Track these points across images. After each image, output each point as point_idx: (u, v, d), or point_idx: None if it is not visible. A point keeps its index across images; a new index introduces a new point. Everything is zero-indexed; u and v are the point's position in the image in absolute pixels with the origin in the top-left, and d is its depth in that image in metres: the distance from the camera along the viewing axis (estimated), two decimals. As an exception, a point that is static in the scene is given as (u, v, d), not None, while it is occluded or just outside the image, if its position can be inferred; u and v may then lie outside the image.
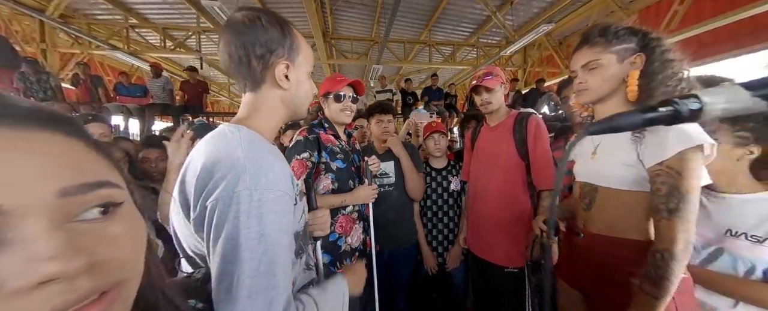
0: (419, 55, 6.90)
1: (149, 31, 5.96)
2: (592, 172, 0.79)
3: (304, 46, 0.58)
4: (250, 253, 0.42)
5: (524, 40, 4.72)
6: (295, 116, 0.62)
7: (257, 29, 0.52)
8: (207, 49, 6.61)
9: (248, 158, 0.46)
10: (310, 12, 4.19)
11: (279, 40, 0.53)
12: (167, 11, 5.47)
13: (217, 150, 0.47)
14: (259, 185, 0.44)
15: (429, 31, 6.02)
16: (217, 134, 0.51)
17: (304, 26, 5.69)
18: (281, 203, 0.46)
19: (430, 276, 1.50)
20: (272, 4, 5.38)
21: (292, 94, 0.57)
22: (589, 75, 0.73)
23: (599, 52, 0.71)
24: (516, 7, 5.03)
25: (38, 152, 0.18)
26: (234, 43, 0.52)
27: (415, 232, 1.48)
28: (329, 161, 1.08)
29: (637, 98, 0.68)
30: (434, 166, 1.57)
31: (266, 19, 0.53)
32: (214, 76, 9.19)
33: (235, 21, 0.53)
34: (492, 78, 1.20)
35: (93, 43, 5.27)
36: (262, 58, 0.52)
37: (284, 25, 0.54)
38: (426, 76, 8.91)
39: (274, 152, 0.53)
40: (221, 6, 3.58)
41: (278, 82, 0.54)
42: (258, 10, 0.54)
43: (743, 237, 0.68)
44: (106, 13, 5.40)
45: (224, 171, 0.44)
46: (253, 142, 0.50)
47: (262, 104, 0.56)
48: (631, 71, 0.69)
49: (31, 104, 0.20)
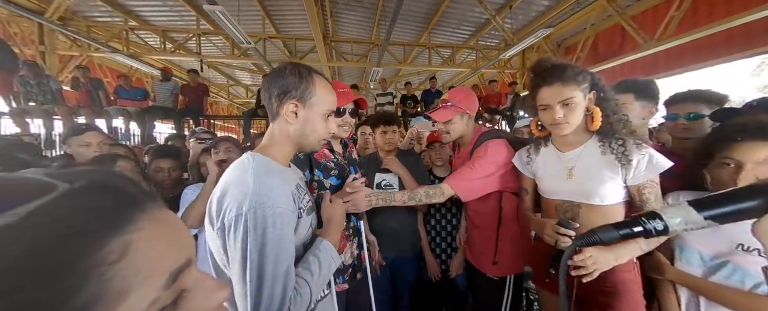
0: (419, 57, 6.93)
1: (149, 34, 5.94)
2: (572, 191, 0.91)
3: (321, 91, 0.68)
4: (257, 257, 0.54)
5: (523, 44, 4.76)
6: (302, 148, 0.72)
7: (281, 75, 0.66)
8: (207, 51, 6.61)
9: (256, 182, 0.58)
10: (311, 15, 4.20)
11: (294, 84, 0.66)
12: (167, 14, 5.47)
13: (233, 176, 0.62)
14: (263, 204, 0.56)
15: (429, 34, 6.05)
16: (238, 162, 0.66)
17: (304, 29, 5.71)
18: (282, 217, 0.58)
19: (433, 282, 1.53)
20: (274, 8, 5.39)
21: (298, 128, 0.68)
22: (567, 110, 0.85)
23: (573, 90, 0.83)
24: (515, 11, 5.08)
25: (174, 220, 0.26)
26: (265, 85, 0.69)
27: (419, 240, 1.52)
28: (322, 179, 1.04)
29: (601, 129, 0.87)
30: (437, 174, 1.61)
31: (290, 69, 0.67)
32: (213, 77, 9.18)
33: (272, 69, 0.69)
34: (446, 109, 1.18)
35: (92, 45, 5.25)
36: (278, 97, 0.66)
37: (304, 73, 0.67)
38: (425, 78, 8.95)
39: (281, 175, 0.65)
40: (223, 10, 3.59)
41: (285, 117, 0.67)
42: (294, 64, 0.69)
43: (756, 252, 0.71)
44: (106, 15, 5.39)
45: (235, 193, 0.58)
46: (262, 168, 0.63)
47: (276, 135, 0.70)
48: (593, 107, 0.87)
49: (150, 189, 0.29)
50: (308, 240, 0.70)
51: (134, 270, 0.19)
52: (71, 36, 5.11)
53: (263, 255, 0.54)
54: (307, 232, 0.69)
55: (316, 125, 0.69)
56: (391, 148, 1.46)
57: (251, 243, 0.54)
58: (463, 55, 7.00)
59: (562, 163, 0.93)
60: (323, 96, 0.68)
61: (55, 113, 3.97)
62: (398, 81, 8.99)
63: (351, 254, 1.11)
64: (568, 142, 0.94)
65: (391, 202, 1.11)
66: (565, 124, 0.86)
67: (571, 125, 0.86)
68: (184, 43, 5.94)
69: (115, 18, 5.46)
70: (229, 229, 0.56)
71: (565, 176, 0.91)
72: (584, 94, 0.85)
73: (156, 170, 1.42)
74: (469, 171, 1.15)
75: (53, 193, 0.19)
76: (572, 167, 0.91)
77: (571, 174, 0.90)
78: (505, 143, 1.18)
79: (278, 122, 0.68)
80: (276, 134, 0.69)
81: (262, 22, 5.71)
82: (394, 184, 1.45)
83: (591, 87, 0.86)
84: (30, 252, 0.16)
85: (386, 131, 1.45)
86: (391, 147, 1.45)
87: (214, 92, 9.32)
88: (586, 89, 0.85)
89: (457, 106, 1.19)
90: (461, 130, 1.23)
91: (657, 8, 4.23)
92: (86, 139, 1.37)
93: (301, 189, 0.71)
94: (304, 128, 0.68)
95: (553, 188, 0.96)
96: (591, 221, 0.86)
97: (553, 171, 0.95)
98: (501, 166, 1.16)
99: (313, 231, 0.74)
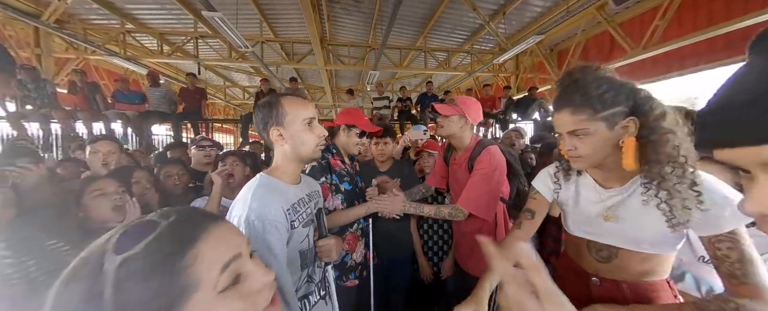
0: (415, 60, 7.03)
1: (146, 36, 5.95)
2: (609, 234, 0.72)
3: (290, 108, 0.77)
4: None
5: (516, 49, 4.89)
6: (304, 159, 0.82)
7: (258, 111, 0.79)
8: (204, 54, 6.63)
9: (253, 197, 0.70)
10: (308, 18, 4.27)
11: (268, 113, 0.77)
12: (165, 17, 5.49)
13: (242, 193, 0.75)
14: (259, 216, 0.67)
15: (424, 38, 6.15)
16: (249, 182, 0.77)
17: (302, 32, 5.77)
18: (275, 227, 0.69)
19: (426, 284, 1.63)
20: (271, 11, 5.44)
21: (289, 147, 0.79)
22: (578, 142, 0.65)
23: (585, 121, 0.63)
24: (508, 17, 5.20)
25: (226, 229, 0.38)
26: (254, 121, 0.81)
27: (412, 243, 1.61)
28: (338, 183, 1.20)
29: (650, 169, 0.62)
30: (429, 182, 1.70)
31: (261, 103, 0.79)
32: (209, 79, 9.18)
33: (254, 108, 0.82)
34: (451, 107, 1.22)
35: (89, 48, 5.25)
36: (264, 129, 0.78)
37: (273, 101, 0.78)
38: (421, 81, 9.06)
39: (280, 192, 0.76)
40: (222, 16, 3.65)
41: (276, 142, 0.78)
42: (265, 99, 0.80)
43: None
44: (103, 18, 5.39)
45: (238, 207, 0.71)
46: (263, 187, 0.74)
47: (278, 157, 0.81)
48: (626, 138, 0.62)
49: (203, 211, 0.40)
50: (305, 248, 0.79)
51: (203, 266, 0.33)
52: (68, 39, 5.11)
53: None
54: (303, 241, 0.78)
55: (303, 137, 0.78)
56: (385, 158, 1.55)
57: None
58: (458, 58, 7.11)
59: (601, 201, 0.73)
60: (294, 111, 0.77)
61: (53, 117, 3.99)
62: (394, 83, 9.08)
63: (360, 252, 1.26)
64: (610, 176, 0.72)
65: (420, 212, 1.22)
66: (577, 158, 0.67)
67: (585, 159, 0.66)
68: (182, 45, 5.96)
69: (111, 21, 5.46)
70: None
71: (602, 217, 0.72)
72: (608, 123, 0.62)
73: (167, 175, 1.52)
74: (475, 189, 1.16)
75: (158, 229, 0.32)
76: (612, 207, 0.71)
77: (611, 216, 0.71)
78: (498, 148, 1.25)
79: (275, 147, 0.80)
80: (278, 157, 0.81)
81: (260, 26, 5.76)
82: None
83: (630, 111, 0.62)
84: (151, 265, 0.30)
85: (378, 142, 1.54)
86: (384, 158, 1.55)
87: (211, 94, 9.32)
88: (612, 116, 0.62)
89: (460, 108, 1.23)
90: (454, 131, 1.24)
91: (643, 16, 4.38)
92: (96, 147, 1.49)
93: (303, 203, 0.81)
94: (295, 144, 0.78)
95: (586, 228, 0.77)
96: (630, 266, 0.70)
97: (588, 208, 0.75)
98: (501, 172, 1.21)
99: (311, 241, 0.82)
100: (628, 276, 0.70)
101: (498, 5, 5.05)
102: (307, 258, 0.79)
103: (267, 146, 2.52)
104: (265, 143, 0.86)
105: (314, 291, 0.82)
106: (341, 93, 10.15)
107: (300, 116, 0.77)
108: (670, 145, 0.60)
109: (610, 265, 0.73)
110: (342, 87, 9.89)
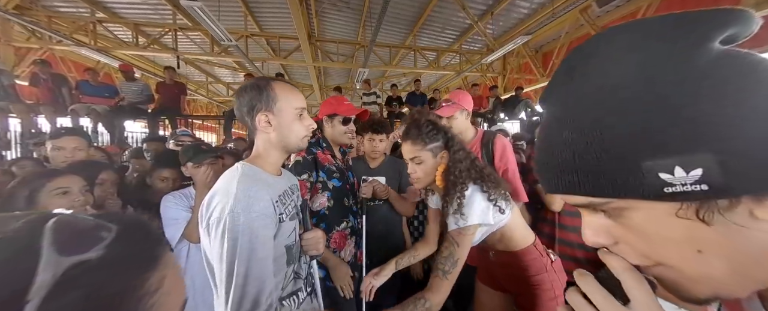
0: (404, 59, 7.01)
1: (120, 27, 5.58)
2: None
3: (282, 94, 0.71)
4: (231, 257, 0.59)
5: (503, 50, 4.96)
6: (288, 149, 0.76)
7: (244, 93, 0.71)
8: (184, 48, 6.31)
9: (238, 189, 0.63)
10: (295, 14, 4.14)
11: (256, 97, 0.70)
12: (139, 6, 5.17)
13: (222, 183, 0.67)
14: (240, 209, 0.61)
15: (414, 37, 6.14)
16: (228, 171, 0.70)
17: (289, 28, 5.60)
18: (260, 220, 0.63)
19: (415, 281, 1.59)
20: (255, 5, 5.25)
21: (276, 135, 0.72)
22: (416, 167, 0.90)
23: (419, 150, 0.89)
24: (496, 18, 5.28)
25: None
26: (236, 106, 0.73)
27: (404, 242, 1.56)
28: (326, 180, 1.13)
29: (444, 185, 0.88)
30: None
31: (250, 85, 0.72)
32: (190, 74, 8.77)
33: (236, 91, 0.75)
34: (449, 107, 1.34)
35: (54, 37, 4.86)
36: (249, 113, 0.71)
37: (262, 84, 0.71)
38: (410, 80, 9.07)
39: (266, 183, 0.70)
40: (202, 6, 3.46)
41: (261, 128, 0.71)
42: (253, 80, 0.74)
43: None
44: (70, 6, 5.00)
45: (219, 198, 0.63)
46: (247, 177, 0.67)
47: (261, 145, 0.74)
48: (440, 166, 0.89)
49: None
50: (291, 243, 0.74)
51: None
52: (29, 27, 4.69)
53: (235, 254, 0.59)
54: (290, 235, 0.74)
55: (292, 126, 0.73)
56: (377, 155, 1.49)
57: (227, 244, 0.59)
58: (447, 58, 7.17)
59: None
60: (287, 98, 0.72)
61: (11, 112, 3.65)
62: (384, 82, 9.04)
63: (350, 251, 1.20)
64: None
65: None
66: (416, 179, 0.96)
67: (421, 180, 0.95)
68: (159, 38, 5.64)
69: (81, 9, 5.08)
70: (210, 230, 0.62)
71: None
72: (433, 152, 0.91)
73: (161, 179, 1.41)
74: (517, 181, 1.33)
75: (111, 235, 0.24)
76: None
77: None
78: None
79: (258, 134, 0.73)
80: (260, 145, 0.74)
81: (244, 19, 5.54)
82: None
83: (444, 146, 0.92)
84: (111, 276, 0.22)
85: (373, 138, 1.48)
86: (377, 155, 1.49)
87: (192, 90, 8.91)
88: (435, 149, 0.91)
89: (458, 104, 1.34)
90: (462, 125, 1.36)
91: (624, 19, 4.55)
92: (61, 143, 1.31)
93: (287, 196, 0.76)
94: (282, 132, 0.72)
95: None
96: (493, 243, 0.98)
97: None
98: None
99: (298, 235, 0.78)
100: (501, 247, 0.95)
101: (486, 6, 5.11)
102: (293, 254, 0.75)
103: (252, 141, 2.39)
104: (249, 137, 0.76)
105: (302, 288, 0.78)
106: (329, 91, 10.00)
107: (292, 104, 0.72)
108: (457, 169, 0.86)
109: (486, 245, 0.97)
110: (330, 85, 9.74)
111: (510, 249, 0.94)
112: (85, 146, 1.39)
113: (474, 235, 0.84)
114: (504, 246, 0.94)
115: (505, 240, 0.93)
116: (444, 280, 0.79)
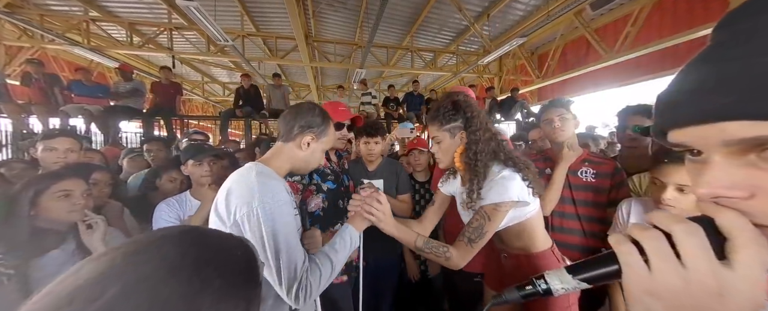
0: (402, 60, 7.03)
1: (114, 26, 5.52)
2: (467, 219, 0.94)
3: (331, 132, 0.86)
4: (274, 240, 0.67)
5: (499, 51, 5.01)
6: (297, 171, 0.85)
7: (310, 112, 0.82)
8: (179, 47, 6.26)
9: (258, 183, 0.69)
10: (292, 13, 4.13)
11: (318, 123, 0.82)
12: (134, 5, 5.11)
13: (234, 182, 0.72)
14: (268, 200, 0.68)
15: (411, 37, 6.16)
16: (238, 171, 0.75)
17: (286, 28, 5.59)
18: (285, 207, 0.71)
19: (412, 283, 1.60)
20: (253, 4, 5.23)
21: (305, 155, 0.83)
22: (436, 147, 0.91)
23: (437, 130, 0.89)
24: (492, 19, 5.32)
25: None
26: (292, 114, 0.82)
27: (400, 244, 1.57)
28: (320, 183, 1.15)
29: (464, 167, 0.87)
30: (418, 179, 1.68)
31: (318, 110, 0.84)
32: (186, 74, 8.69)
33: (304, 104, 0.85)
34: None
35: (46, 36, 4.78)
36: (301, 128, 0.81)
37: (326, 116, 0.85)
38: (408, 80, 9.09)
39: (277, 179, 0.76)
40: (198, 6, 3.44)
41: (301, 145, 0.81)
42: (319, 107, 0.86)
43: None
44: (63, 5, 4.93)
45: (240, 194, 0.69)
46: (262, 174, 0.73)
47: (283, 153, 0.82)
48: (459, 147, 0.88)
49: None
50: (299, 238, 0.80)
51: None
52: (20, 25, 4.61)
53: (277, 236, 0.67)
54: (298, 230, 0.80)
55: (317, 155, 0.85)
56: (373, 158, 1.50)
57: (266, 229, 0.66)
58: (444, 59, 7.20)
59: (461, 194, 0.96)
60: (331, 136, 0.86)
61: (2, 112, 3.58)
62: (382, 83, 9.05)
63: None
64: (464, 176, 0.97)
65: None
66: (439, 159, 0.95)
67: (441, 160, 0.94)
68: (154, 37, 5.58)
69: (74, 8, 5.01)
70: (244, 223, 0.67)
71: (463, 206, 0.92)
72: (450, 133, 0.90)
73: (171, 179, 1.44)
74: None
75: None
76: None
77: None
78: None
79: (291, 145, 0.81)
80: (284, 152, 0.82)
81: (241, 19, 5.51)
82: (380, 187, 1.50)
83: (463, 126, 0.88)
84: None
85: (368, 141, 1.49)
86: (373, 158, 1.50)
87: (188, 89, 8.82)
88: (453, 129, 0.89)
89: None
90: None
91: (616, 23, 4.63)
92: (53, 144, 1.30)
93: (291, 195, 0.81)
94: (309, 157, 0.83)
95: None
96: (510, 241, 0.94)
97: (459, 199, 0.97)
98: None
99: (300, 231, 0.82)
100: (519, 245, 0.90)
101: (482, 7, 5.15)
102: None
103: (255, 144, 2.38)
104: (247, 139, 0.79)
105: None
106: (327, 92, 9.98)
107: (329, 143, 0.86)
108: (473, 150, 0.84)
109: (502, 245, 0.94)
110: (328, 86, 9.72)
111: (528, 250, 0.88)
112: (77, 148, 1.38)
113: (507, 213, 0.80)
114: (523, 245, 0.89)
115: (525, 238, 0.88)
116: (468, 246, 0.78)
